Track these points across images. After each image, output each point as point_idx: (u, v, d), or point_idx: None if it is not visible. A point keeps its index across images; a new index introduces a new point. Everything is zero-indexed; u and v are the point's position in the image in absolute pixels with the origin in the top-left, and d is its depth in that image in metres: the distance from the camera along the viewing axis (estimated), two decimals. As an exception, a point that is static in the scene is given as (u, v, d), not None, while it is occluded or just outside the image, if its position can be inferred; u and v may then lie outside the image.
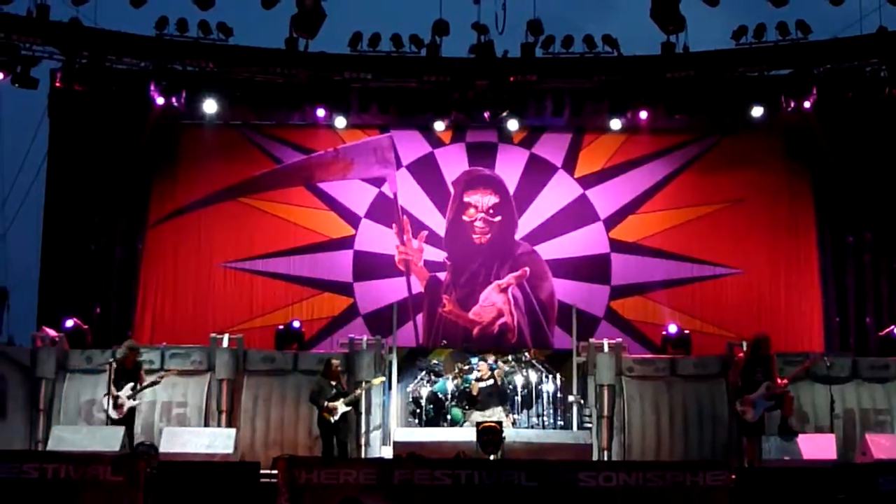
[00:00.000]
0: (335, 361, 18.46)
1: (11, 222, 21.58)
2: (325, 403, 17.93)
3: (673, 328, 21.13)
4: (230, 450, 17.72)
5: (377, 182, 23.16)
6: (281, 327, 21.16)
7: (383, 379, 19.14)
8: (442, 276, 22.90)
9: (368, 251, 23.00)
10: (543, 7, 20.53)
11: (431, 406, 19.44)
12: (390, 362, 19.69)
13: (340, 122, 22.11)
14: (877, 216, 22.11)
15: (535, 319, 22.73)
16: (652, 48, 21.07)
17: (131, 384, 17.82)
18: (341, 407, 17.99)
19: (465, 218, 23.10)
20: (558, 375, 19.75)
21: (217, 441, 17.87)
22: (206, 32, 20.89)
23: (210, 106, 21.45)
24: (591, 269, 22.93)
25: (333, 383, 18.18)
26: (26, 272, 22.28)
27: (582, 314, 21.13)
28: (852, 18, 20.22)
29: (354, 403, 18.35)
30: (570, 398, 19.33)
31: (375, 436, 19.18)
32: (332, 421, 17.95)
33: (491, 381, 19.30)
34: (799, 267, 22.59)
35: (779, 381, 17.22)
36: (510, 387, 19.43)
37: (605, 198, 23.12)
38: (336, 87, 21.52)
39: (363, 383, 18.69)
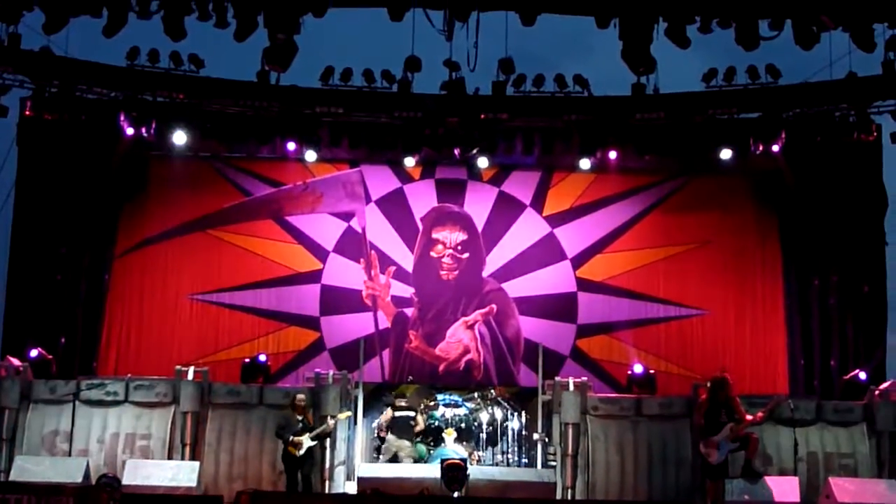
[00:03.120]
0: (300, 396, 18.40)
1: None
2: (291, 438, 17.86)
3: (638, 368, 21.13)
4: (193, 483, 17.64)
5: (346, 216, 23.16)
6: (247, 360, 21.08)
7: (349, 413, 19.09)
8: (409, 311, 22.89)
9: (336, 286, 22.97)
10: (515, 45, 20.56)
11: (397, 442, 19.37)
12: (356, 397, 19.63)
13: (311, 155, 22.13)
14: (843, 259, 22.21)
15: (501, 356, 22.72)
16: (623, 89, 21.15)
17: None
18: (307, 441, 17.93)
19: (432, 254, 23.11)
20: (523, 413, 19.73)
21: (180, 474, 17.79)
22: (177, 64, 20.89)
23: (180, 137, 21.43)
24: (557, 307, 22.97)
25: (300, 418, 18.12)
26: (-9, 301, 22.19)
27: (548, 352, 21.17)
28: (822, 63, 20.34)
29: (320, 438, 18.29)
30: (535, 436, 19.33)
31: (340, 471, 19.09)
32: (298, 455, 17.88)
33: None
34: (765, 309, 22.70)
35: (747, 417, 17.17)
36: (475, 424, 19.38)
37: (573, 236, 23.19)
38: (307, 121, 21.56)
39: (329, 418, 18.61)
